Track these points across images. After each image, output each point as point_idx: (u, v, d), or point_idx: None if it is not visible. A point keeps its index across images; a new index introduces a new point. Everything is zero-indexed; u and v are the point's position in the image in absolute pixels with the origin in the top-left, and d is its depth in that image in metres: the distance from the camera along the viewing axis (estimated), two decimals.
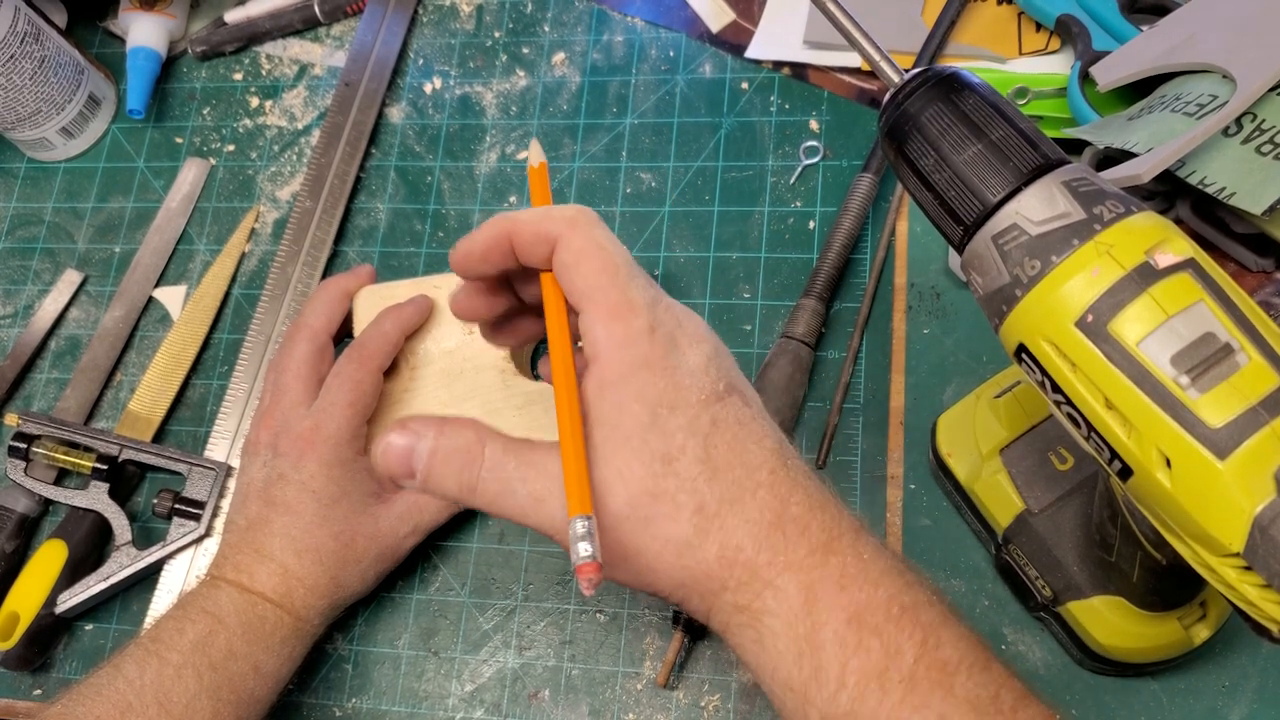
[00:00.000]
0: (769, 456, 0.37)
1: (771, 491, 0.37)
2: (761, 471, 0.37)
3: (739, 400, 0.38)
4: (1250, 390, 0.31)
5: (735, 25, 0.70)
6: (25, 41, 0.68)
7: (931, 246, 0.61)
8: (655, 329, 0.37)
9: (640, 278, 0.38)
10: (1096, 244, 0.33)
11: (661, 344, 0.37)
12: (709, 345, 0.38)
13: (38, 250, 0.73)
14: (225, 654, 0.50)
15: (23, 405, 0.68)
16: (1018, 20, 0.65)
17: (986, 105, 0.35)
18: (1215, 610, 0.47)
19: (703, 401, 0.37)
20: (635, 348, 0.37)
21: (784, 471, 0.37)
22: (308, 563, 0.53)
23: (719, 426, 0.37)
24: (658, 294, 0.39)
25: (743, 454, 0.37)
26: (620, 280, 0.37)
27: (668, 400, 0.37)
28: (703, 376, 0.37)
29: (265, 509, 0.54)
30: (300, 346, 0.57)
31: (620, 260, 0.38)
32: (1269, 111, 0.51)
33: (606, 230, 0.39)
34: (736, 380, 0.39)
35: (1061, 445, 0.49)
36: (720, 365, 0.38)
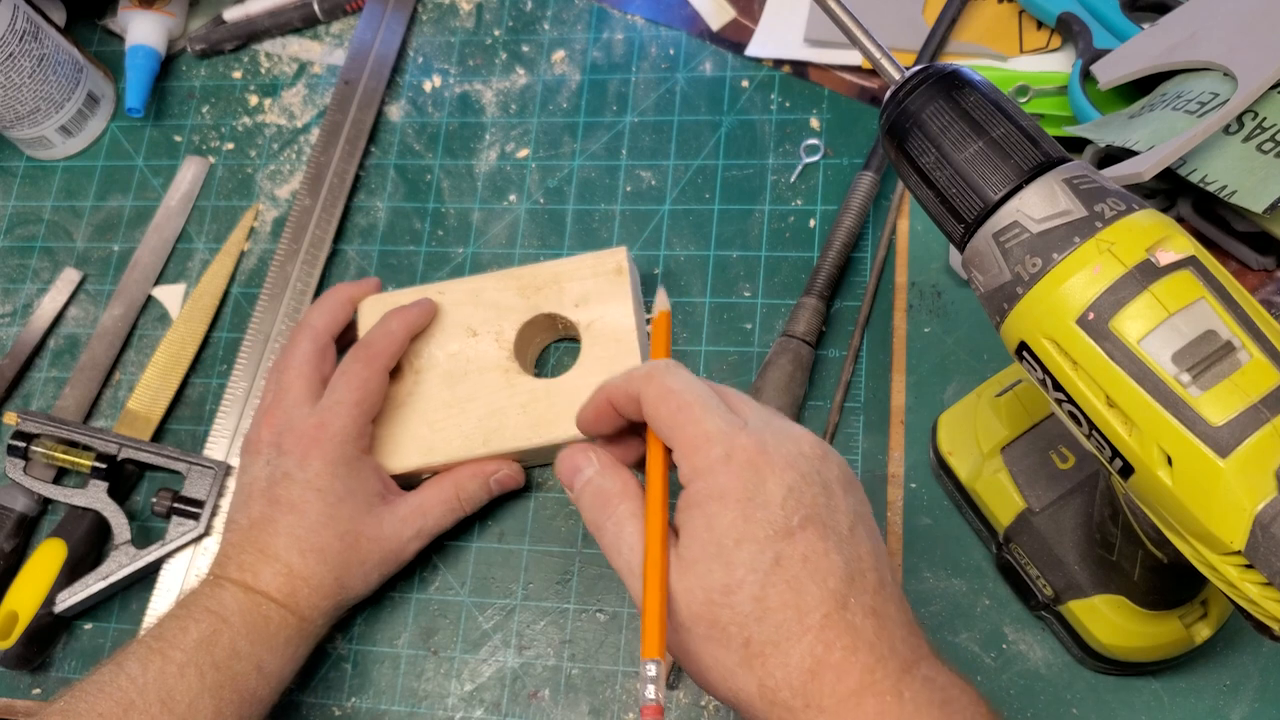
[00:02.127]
0: (827, 598, 0.38)
1: (819, 637, 0.37)
2: (814, 615, 0.37)
3: (814, 534, 0.38)
4: (1251, 388, 0.31)
5: (736, 23, 0.70)
6: (24, 40, 0.68)
7: (932, 245, 0.61)
8: (731, 458, 0.39)
9: (718, 411, 0.40)
10: (1098, 241, 0.33)
11: (737, 473, 0.38)
12: (794, 474, 0.39)
13: (37, 249, 0.73)
14: (229, 653, 0.50)
15: (22, 404, 0.68)
16: (1019, 18, 0.65)
17: (987, 103, 0.35)
18: (1216, 609, 0.47)
19: (770, 537, 0.38)
20: (711, 478, 0.39)
21: (839, 614, 0.37)
22: (312, 563, 0.53)
23: (781, 565, 0.38)
24: (747, 420, 0.40)
25: (799, 595, 0.38)
26: (695, 416, 0.40)
27: (735, 533, 0.38)
28: (776, 510, 0.38)
29: (269, 508, 0.54)
30: (303, 346, 0.57)
31: (693, 398, 0.40)
32: (1270, 109, 0.50)
33: (681, 375, 0.41)
34: (819, 511, 0.39)
35: (1063, 444, 0.49)
36: (801, 497, 0.38)
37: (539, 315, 0.58)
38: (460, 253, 0.67)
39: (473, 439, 0.57)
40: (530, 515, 0.60)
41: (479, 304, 0.59)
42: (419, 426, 0.57)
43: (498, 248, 0.67)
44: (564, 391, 0.57)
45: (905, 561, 0.55)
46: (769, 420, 0.41)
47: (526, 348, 0.60)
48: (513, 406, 0.57)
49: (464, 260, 0.66)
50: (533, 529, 0.59)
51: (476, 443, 0.56)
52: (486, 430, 0.57)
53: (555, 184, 0.67)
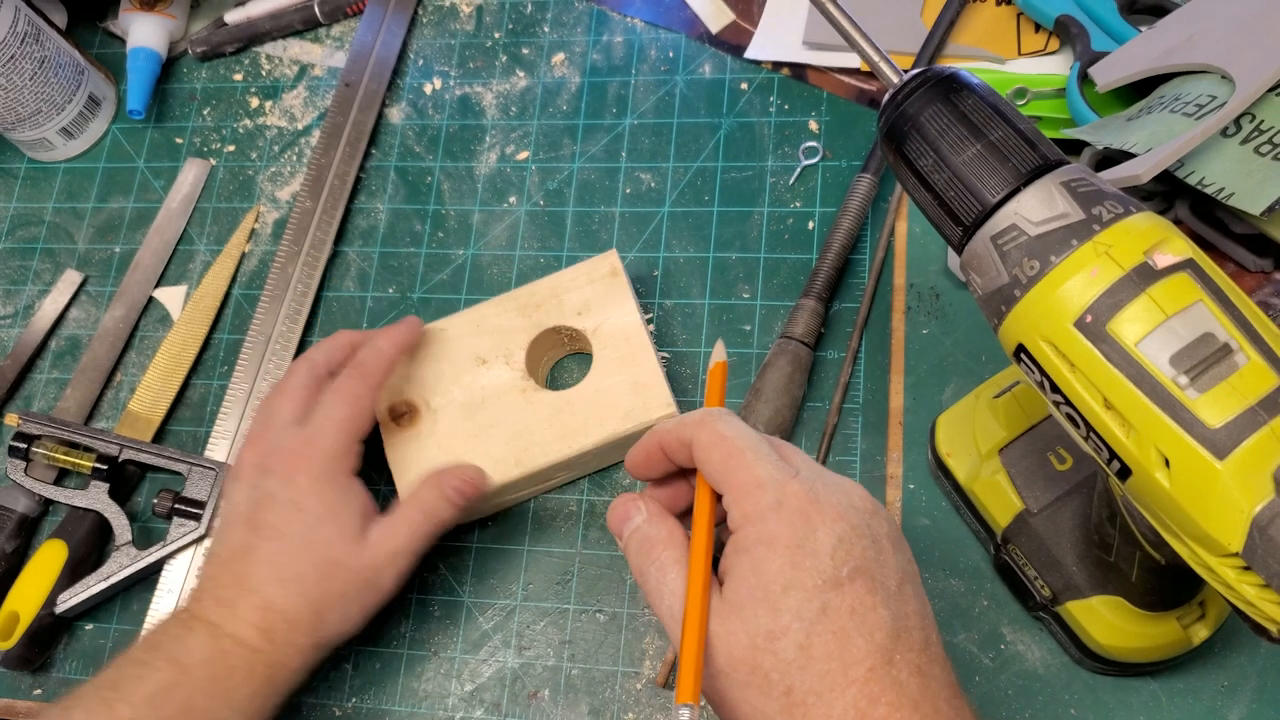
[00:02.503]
0: (873, 652, 0.37)
1: (862, 690, 0.37)
2: (859, 668, 0.37)
3: (862, 587, 0.38)
4: (1249, 390, 0.31)
5: (735, 26, 0.70)
6: (25, 42, 0.68)
7: (930, 247, 0.61)
8: (782, 505, 0.38)
9: (769, 459, 0.40)
10: (1095, 244, 0.33)
11: (787, 521, 0.38)
12: (844, 525, 0.38)
13: (38, 250, 0.73)
14: (182, 708, 0.48)
15: (23, 405, 0.68)
16: (1017, 21, 0.65)
17: (985, 106, 0.35)
18: (1214, 610, 0.47)
19: (818, 586, 0.37)
20: (761, 523, 0.38)
21: (884, 669, 0.37)
22: (290, 593, 0.51)
23: (828, 615, 0.37)
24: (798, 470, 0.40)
25: (844, 646, 0.37)
26: (747, 463, 0.39)
27: (782, 579, 0.37)
28: (825, 559, 0.38)
29: (249, 535, 0.52)
30: (299, 375, 0.56)
31: (745, 445, 0.40)
32: (1268, 112, 0.51)
33: (732, 422, 0.41)
34: (868, 564, 0.38)
35: (1060, 445, 0.50)
36: (851, 548, 0.38)
37: (544, 331, 0.58)
38: (460, 254, 0.67)
39: (504, 462, 0.56)
40: (530, 515, 0.60)
41: (482, 332, 0.59)
42: (448, 461, 0.56)
43: (498, 249, 0.67)
44: (585, 398, 0.57)
45: None
46: (820, 471, 0.40)
47: (537, 366, 0.60)
48: (537, 423, 0.56)
49: (464, 262, 0.67)
50: (533, 529, 0.60)
51: (509, 465, 0.56)
52: (516, 451, 0.56)
53: (555, 186, 0.68)
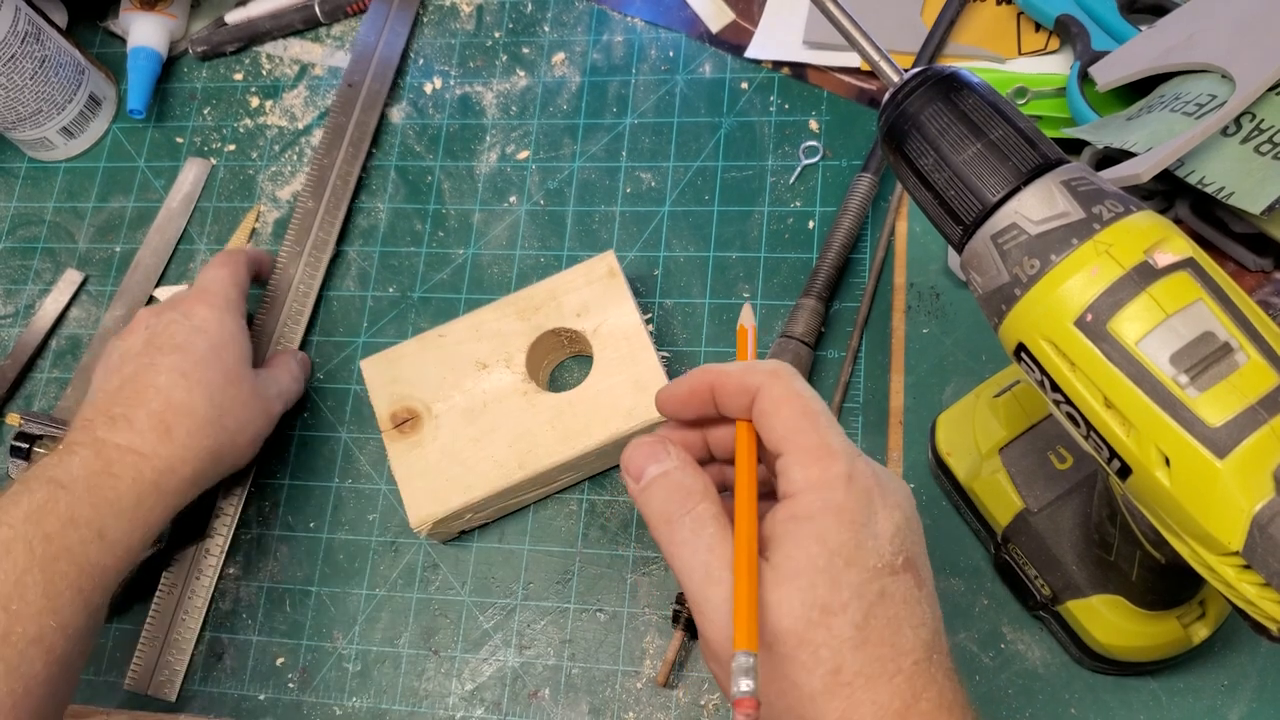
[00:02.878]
0: (919, 645, 0.36)
1: (909, 681, 0.36)
2: (907, 658, 0.36)
3: (912, 579, 0.37)
4: (1249, 389, 0.31)
5: (735, 25, 0.70)
6: (26, 41, 0.68)
7: (931, 246, 0.61)
8: (853, 479, 0.37)
9: (838, 430, 0.38)
10: (1096, 243, 0.33)
11: (856, 496, 0.37)
12: (901, 514, 0.38)
13: (38, 250, 0.73)
14: (64, 521, 0.49)
15: (23, 405, 0.69)
16: (1017, 20, 0.65)
17: (986, 105, 0.35)
18: (1214, 609, 0.47)
19: (877, 569, 0.36)
20: (830, 491, 0.37)
21: (927, 664, 0.36)
22: (196, 393, 0.54)
23: (885, 599, 0.36)
24: (857, 450, 0.38)
25: (896, 634, 0.36)
26: (820, 426, 0.38)
27: (846, 554, 0.36)
28: (886, 544, 0.37)
29: (149, 356, 0.55)
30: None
31: (819, 409, 0.38)
32: (1268, 111, 0.51)
33: (805, 383, 0.39)
34: (917, 556, 0.38)
35: (1061, 444, 0.50)
36: (907, 537, 0.37)
37: (543, 334, 0.58)
38: (461, 254, 0.67)
39: (507, 465, 0.56)
40: (530, 515, 0.60)
41: (481, 337, 0.59)
42: (451, 467, 0.56)
43: (498, 249, 0.67)
44: (587, 400, 0.57)
45: None
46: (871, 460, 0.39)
47: (538, 369, 0.60)
48: (539, 425, 0.56)
49: (465, 261, 0.67)
50: (533, 529, 0.60)
51: (512, 468, 0.56)
52: (519, 453, 0.56)
53: (555, 185, 0.68)
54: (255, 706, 0.59)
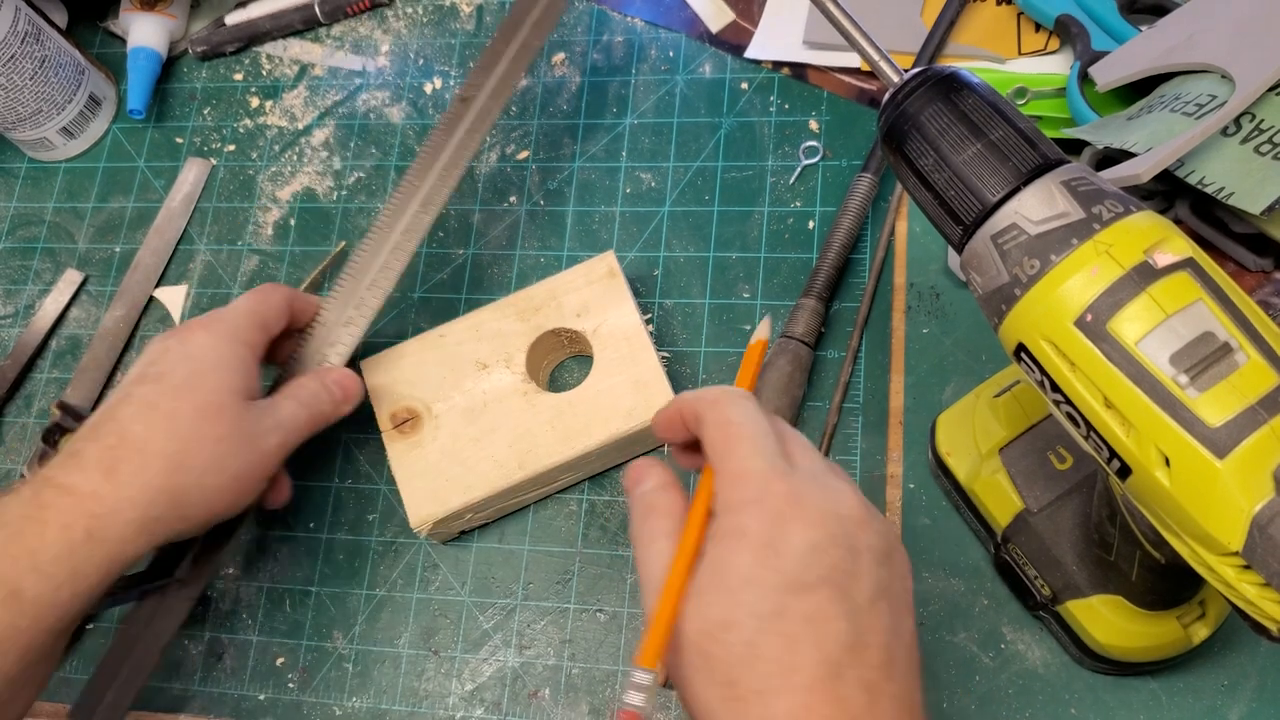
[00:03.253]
0: (821, 662, 0.37)
1: (802, 699, 0.36)
2: (803, 675, 0.36)
3: (825, 596, 0.37)
4: (1249, 389, 0.31)
5: (735, 25, 0.70)
6: (26, 41, 0.68)
7: (931, 246, 0.61)
8: (762, 502, 0.38)
9: (765, 453, 0.39)
10: (1095, 243, 0.33)
11: (762, 519, 0.38)
12: (821, 532, 0.38)
13: (38, 250, 0.73)
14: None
15: (23, 405, 0.69)
16: (1017, 20, 0.65)
17: (986, 105, 0.35)
18: (1214, 609, 0.47)
19: (778, 587, 0.37)
20: (737, 516, 0.38)
21: (830, 681, 0.36)
22: (155, 428, 0.47)
23: (783, 617, 0.37)
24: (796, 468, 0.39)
25: (792, 651, 0.37)
26: (741, 452, 0.39)
27: (744, 573, 0.37)
28: (792, 562, 0.37)
29: (131, 385, 0.49)
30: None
31: (746, 434, 0.39)
32: (1268, 111, 0.51)
33: (745, 408, 0.40)
34: (838, 575, 0.38)
35: (1060, 444, 0.50)
36: (823, 556, 0.37)
37: (543, 334, 0.58)
38: (461, 254, 0.67)
39: (507, 465, 0.56)
40: (530, 515, 0.60)
41: (481, 337, 0.59)
42: (451, 467, 0.56)
43: (498, 249, 0.67)
44: (587, 400, 0.57)
45: None
46: (819, 475, 0.40)
47: (538, 369, 0.60)
48: (539, 425, 0.56)
49: (464, 261, 0.67)
50: (533, 529, 0.60)
51: (512, 468, 0.56)
52: (520, 454, 0.56)
53: (555, 185, 0.68)
54: (255, 706, 0.59)
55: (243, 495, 0.51)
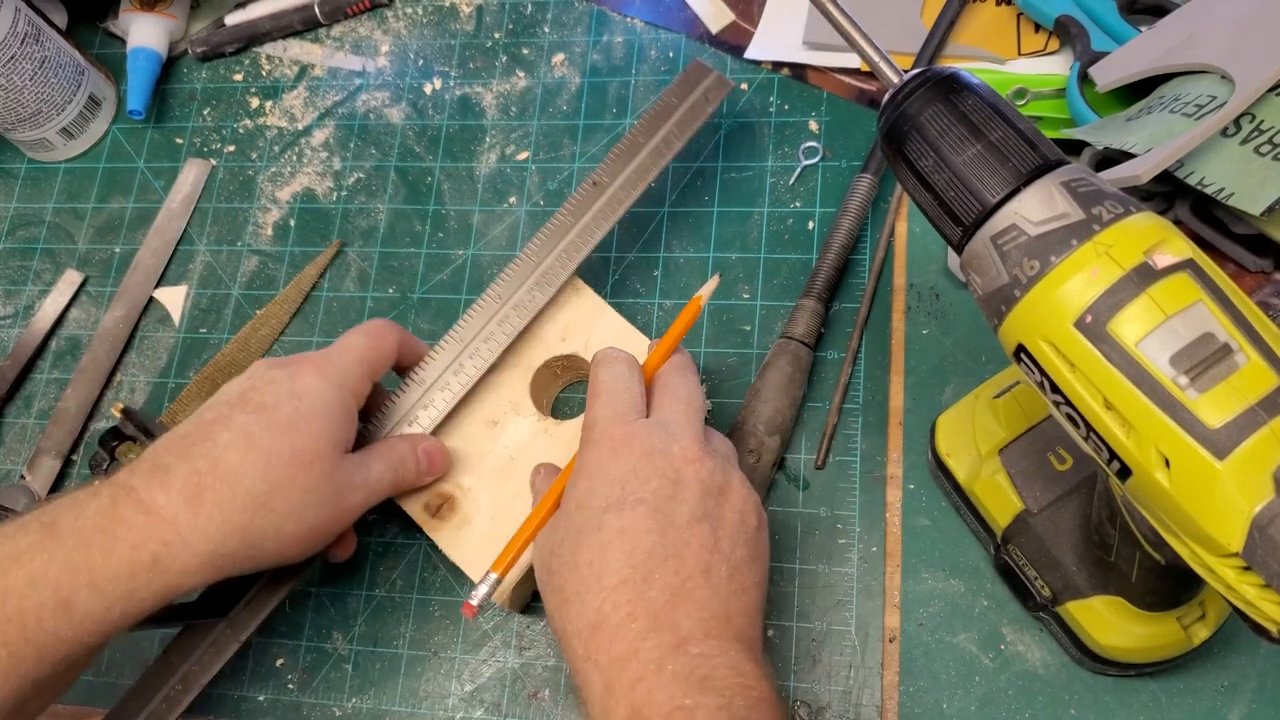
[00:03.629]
0: (627, 566, 0.43)
1: (608, 598, 0.42)
2: (612, 578, 0.43)
3: (641, 513, 0.44)
4: (1249, 390, 0.31)
5: (734, 26, 0.70)
6: (25, 42, 0.68)
7: (930, 247, 0.61)
8: (598, 443, 0.46)
9: (616, 405, 0.48)
10: (1095, 244, 0.33)
11: (598, 455, 0.46)
12: (645, 463, 0.45)
13: (38, 250, 0.73)
14: (31, 577, 0.43)
15: (23, 405, 0.69)
16: (1016, 21, 0.65)
17: (985, 106, 0.35)
18: (1214, 610, 0.47)
19: (600, 508, 0.44)
20: (582, 454, 0.47)
21: (636, 585, 0.42)
22: (251, 462, 0.46)
23: (600, 531, 0.44)
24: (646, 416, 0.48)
25: (604, 558, 0.43)
26: (596, 405, 0.48)
27: (578, 499, 0.46)
28: (615, 487, 0.45)
29: (230, 409, 0.48)
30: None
31: (605, 389, 0.48)
32: (1268, 112, 0.51)
33: (611, 369, 0.50)
34: (656, 499, 0.44)
35: (1060, 445, 0.50)
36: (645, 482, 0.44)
37: (537, 370, 0.57)
38: (461, 255, 0.67)
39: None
40: None
41: (481, 398, 0.58)
42: (505, 528, 0.53)
43: (498, 250, 0.67)
44: None
45: (903, 562, 0.55)
46: (669, 423, 0.47)
47: (545, 404, 0.59)
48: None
49: (464, 262, 0.67)
50: None
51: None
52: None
53: (555, 186, 0.68)
54: (255, 707, 0.59)
55: (315, 545, 0.51)
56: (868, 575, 0.55)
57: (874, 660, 0.54)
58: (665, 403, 0.48)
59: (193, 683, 0.53)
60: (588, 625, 0.42)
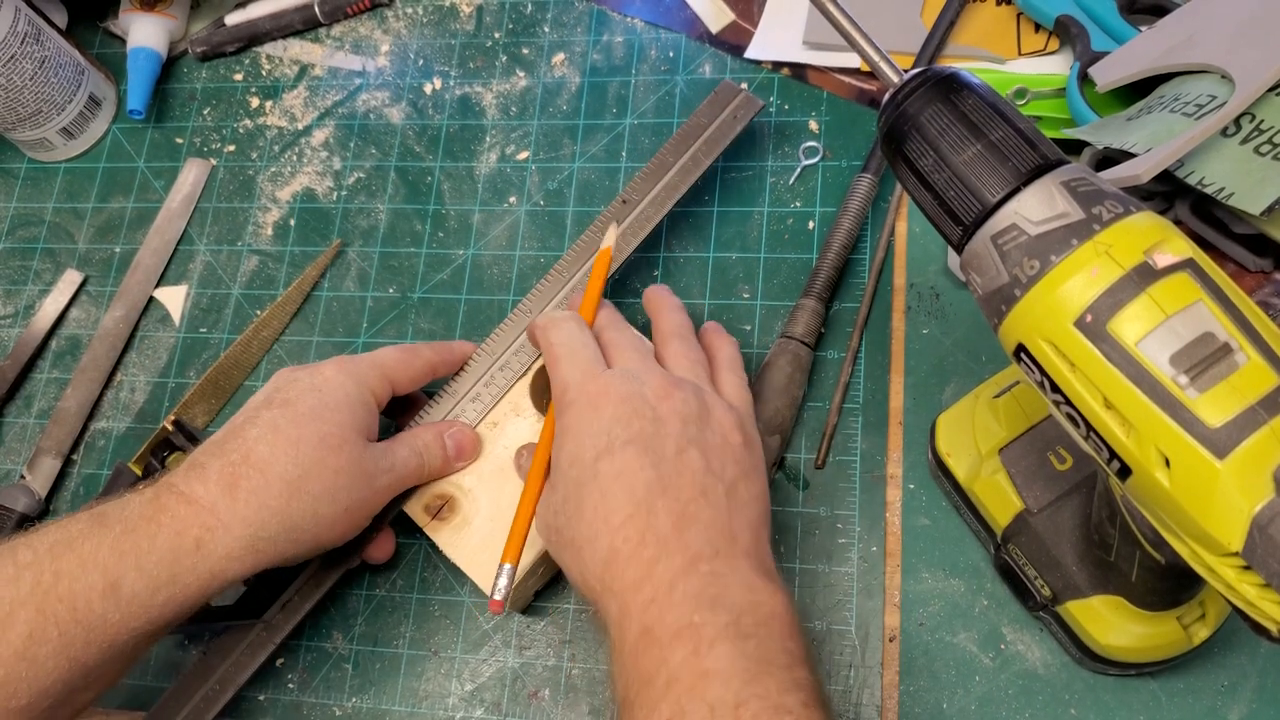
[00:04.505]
0: (632, 502, 0.45)
1: (618, 533, 0.44)
2: (618, 516, 0.45)
3: (632, 453, 0.46)
4: (1249, 390, 0.31)
5: (735, 26, 0.70)
6: (26, 42, 0.68)
7: (930, 247, 0.61)
8: (576, 401, 0.48)
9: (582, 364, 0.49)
10: (1095, 244, 0.33)
11: (578, 412, 0.48)
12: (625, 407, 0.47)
13: (38, 250, 0.73)
14: (82, 560, 0.44)
15: (23, 405, 0.69)
16: (1017, 21, 0.65)
17: (985, 105, 0.35)
18: (1214, 610, 0.47)
19: (592, 458, 0.46)
20: (562, 417, 0.49)
21: (643, 515, 0.44)
22: (280, 450, 0.48)
23: (597, 479, 0.46)
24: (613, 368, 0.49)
25: (606, 501, 0.45)
26: (560, 369, 0.50)
27: (569, 456, 0.47)
28: (602, 436, 0.46)
29: (257, 411, 0.50)
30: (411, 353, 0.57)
31: (563, 352, 0.50)
32: (1268, 112, 0.51)
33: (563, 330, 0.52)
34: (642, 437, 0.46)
35: (1060, 445, 0.50)
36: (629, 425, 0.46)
37: (536, 372, 0.57)
38: (461, 254, 0.67)
39: None
40: None
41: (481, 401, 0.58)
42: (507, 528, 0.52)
43: (498, 249, 0.67)
44: None
45: (903, 562, 0.55)
46: (632, 370, 0.49)
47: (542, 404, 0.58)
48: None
49: (464, 262, 0.67)
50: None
51: None
52: None
53: (555, 186, 0.68)
54: (255, 707, 0.59)
55: (350, 529, 0.52)
56: (868, 575, 0.55)
57: (874, 660, 0.54)
58: (616, 356, 0.51)
59: (229, 683, 0.54)
60: (601, 562, 0.44)
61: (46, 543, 0.45)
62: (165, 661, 0.61)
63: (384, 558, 0.58)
